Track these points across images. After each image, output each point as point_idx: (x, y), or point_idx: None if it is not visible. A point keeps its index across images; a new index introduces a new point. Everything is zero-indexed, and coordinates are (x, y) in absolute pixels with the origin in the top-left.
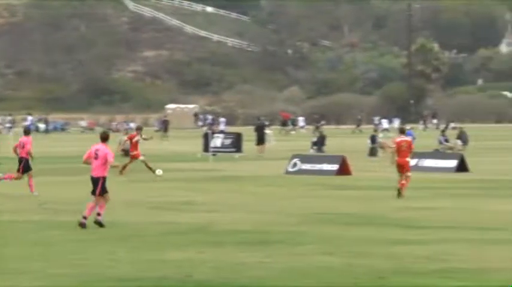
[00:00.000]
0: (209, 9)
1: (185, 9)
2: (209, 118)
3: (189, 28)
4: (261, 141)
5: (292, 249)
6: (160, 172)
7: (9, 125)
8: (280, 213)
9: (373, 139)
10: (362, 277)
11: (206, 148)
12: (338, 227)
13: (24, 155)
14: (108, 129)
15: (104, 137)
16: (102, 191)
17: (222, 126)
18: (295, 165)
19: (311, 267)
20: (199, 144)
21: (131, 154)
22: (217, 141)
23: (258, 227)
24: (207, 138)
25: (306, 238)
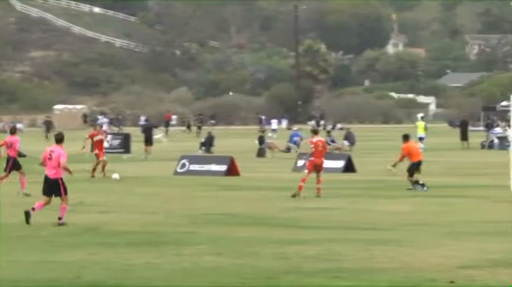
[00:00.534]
0: (96, 10)
1: (72, 10)
2: (99, 118)
3: (76, 29)
4: (148, 142)
5: (182, 249)
6: (117, 176)
7: None
8: (169, 214)
9: (261, 140)
10: (251, 277)
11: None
12: (227, 228)
13: (13, 154)
14: None
15: (59, 138)
16: (66, 191)
17: (105, 127)
18: (184, 166)
19: (200, 267)
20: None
21: (95, 153)
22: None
23: (147, 228)
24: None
25: (195, 238)
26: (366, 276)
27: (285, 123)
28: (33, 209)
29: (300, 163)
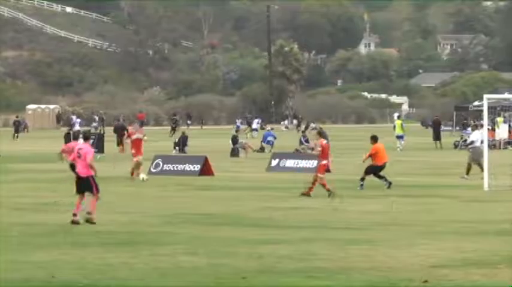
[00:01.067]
0: (69, 10)
1: (45, 10)
2: (74, 118)
3: (49, 29)
4: (121, 141)
5: (157, 249)
6: (144, 177)
7: None
8: (144, 213)
9: (234, 140)
10: (225, 277)
11: None
12: (202, 228)
13: None
14: None
15: (86, 136)
16: (97, 190)
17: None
18: (158, 166)
19: (176, 267)
20: (61, 144)
21: (132, 152)
22: (79, 141)
23: (122, 228)
24: (68, 139)
25: (170, 238)
26: (341, 276)
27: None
28: (75, 215)
29: (273, 162)
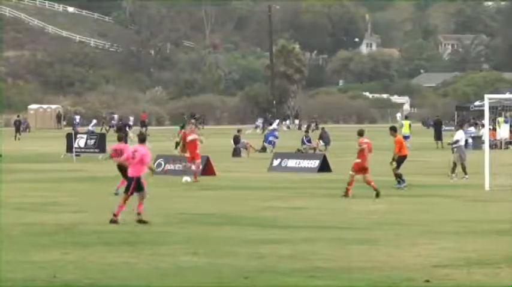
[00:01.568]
0: (71, 10)
1: (47, 10)
2: (76, 118)
3: (51, 28)
4: (123, 141)
5: (158, 249)
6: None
7: None
8: (145, 213)
9: (236, 140)
10: (227, 277)
11: (69, 148)
12: (203, 227)
13: None
14: None
15: (142, 138)
16: (137, 189)
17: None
18: (160, 165)
19: (176, 267)
20: (63, 144)
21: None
22: (81, 141)
23: (123, 228)
24: (70, 139)
25: (171, 238)
26: (343, 275)
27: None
28: (139, 214)
29: (275, 162)
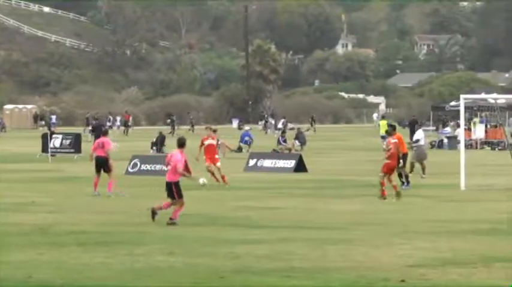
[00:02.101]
0: (46, 10)
1: (22, 10)
2: (53, 118)
3: (26, 28)
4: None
5: (134, 249)
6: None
7: None
8: (121, 213)
9: None
10: (203, 277)
11: (45, 148)
12: (179, 227)
13: None
14: None
15: (181, 143)
16: (178, 196)
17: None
18: (136, 165)
19: (152, 267)
20: (39, 144)
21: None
22: (57, 141)
23: (99, 228)
24: (46, 139)
25: (147, 238)
26: (319, 275)
27: (235, 124)
28: (164, 211)
29: (251, 162)
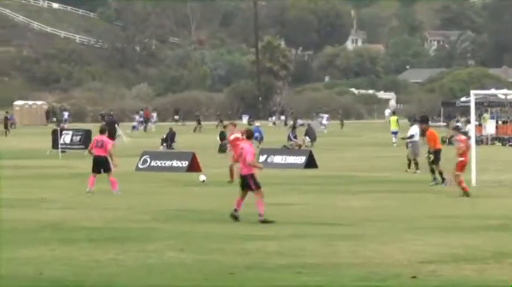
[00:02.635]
0: (55, 6)
1: (31, 6)
2: (65, 115)
3: (36, 24)
4: (111, 137)
5: (145, 245)
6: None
7: None
8: (132, 210)
9: (222, 136)
10: (213, 273)
11: (55, 144)
12: (190, 224)
13: None
14: None
15: (249, 135)
16: (256, 187)
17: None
18: (146, 162)
19: (163, 263)
20: (49, 141)
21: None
22: (67, 138)
23: (110, 224)
24: (56, 135)
25: (158, 234)
26: (330, 271)
27: (245, 120)
28: (236, 210)
29: (261, 158)
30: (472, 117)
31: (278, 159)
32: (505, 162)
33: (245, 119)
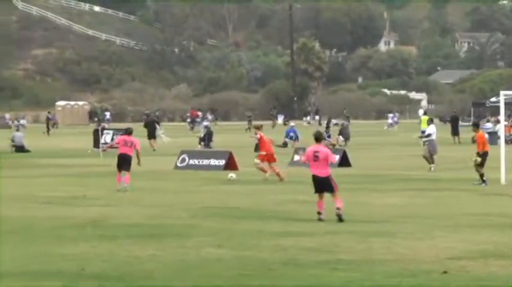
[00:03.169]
0: (96, 9)
1: (73, 9)
2: (107, 115)
3: (77, 27)
4: (151, 136)
5: (184, 242)
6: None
7: None
8: (171, 207)
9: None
10: (251, 269)
11: (96, 143)
12: (227, 221)
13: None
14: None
15: (317, 137)
16: (336, 186)
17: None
18: (184, 160)
19: (202, 259)
20: (90, 140)
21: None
22: (108, 137)
23: (149, 221)
24: (97, 135)
25: (196, 231)
26: (363, 267)
27: (281, 119)
28: (320, 213)
29: (296, 157)
30: (502, 117)
31: None
32: None
33: (280, 119)
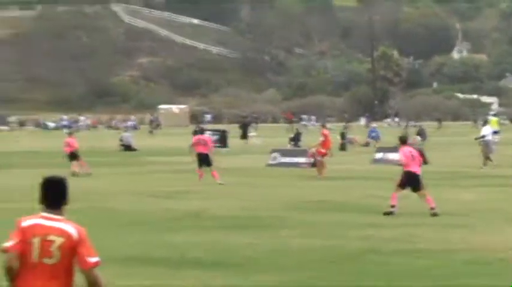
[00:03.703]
0: (195, 21)
1: (174, 21)
2: (208, 117)
3: (178, 38)
4: (244, 136)
5: (277, 232)
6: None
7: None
8: (264, 201)
9: (343, 135)
10: (338, 256)
11: None
12: (315, 213)
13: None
14: (110, 126)
15: (403, 140)
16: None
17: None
18: (275, 158)
19: (294, 248)
20: (190, 140)
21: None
22: None
23: (245, 213)
24: (196, 135)
25: (288, 222)
26: (442, 256)
27: (363, 121)
28: (394, 206)
29: (377, 156)
30: None
31: (394, 156)
32: None
33: (363, 121)
